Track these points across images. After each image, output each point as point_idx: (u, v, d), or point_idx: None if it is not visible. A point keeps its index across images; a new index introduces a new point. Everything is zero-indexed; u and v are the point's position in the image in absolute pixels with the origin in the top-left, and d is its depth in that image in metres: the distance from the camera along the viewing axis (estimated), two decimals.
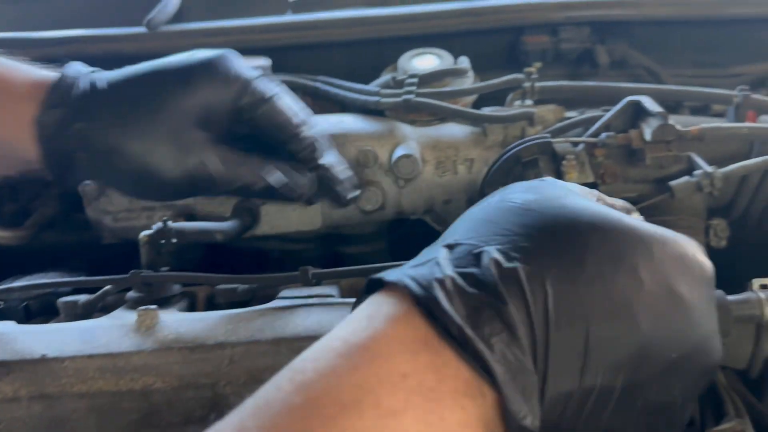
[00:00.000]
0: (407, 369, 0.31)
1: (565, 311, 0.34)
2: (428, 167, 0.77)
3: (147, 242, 0.66)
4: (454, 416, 0.31)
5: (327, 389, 0.31)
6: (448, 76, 0.82)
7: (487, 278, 0.34)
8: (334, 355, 0.33)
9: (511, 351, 0.32)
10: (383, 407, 0.30)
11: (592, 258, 0.35)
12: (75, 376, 0.56)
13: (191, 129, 0.60)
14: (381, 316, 0.34)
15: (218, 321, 0.59)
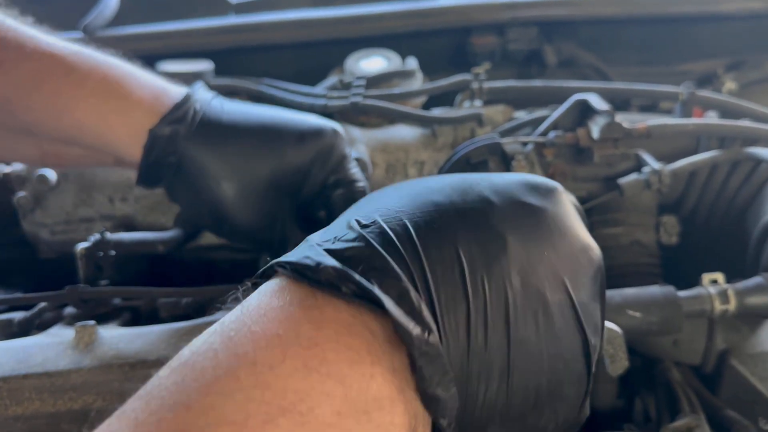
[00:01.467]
0: (282, 329, 0.31)
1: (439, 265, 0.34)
2: (378, 170, 0.75)
3: (84, 255, 0.63)
4: (340, 356, 0.31)
5: (202, 363, 0.30)
6: (396, 77, 0.81)
7: (350, 237, 0.35)
8: (208, 335, 0.33)
9: (390, 285, 0.32)
10: (259, 364, 0.30)
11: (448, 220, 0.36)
12: (10, 397, 0.53)
13: (283, 193, 0.61)
14: (255, 295, 0.35)
15: (160, 335, 0.57)
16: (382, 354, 0.32)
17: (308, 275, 0.33)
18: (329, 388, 0.30)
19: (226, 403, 0.28)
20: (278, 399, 0.29)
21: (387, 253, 0.33)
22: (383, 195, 0.40)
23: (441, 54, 0.97)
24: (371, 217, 0.36)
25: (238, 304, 0.35)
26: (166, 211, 0.74)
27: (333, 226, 0.38)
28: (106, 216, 0.74)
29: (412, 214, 0.36)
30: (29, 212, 0.74)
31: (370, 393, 0.31)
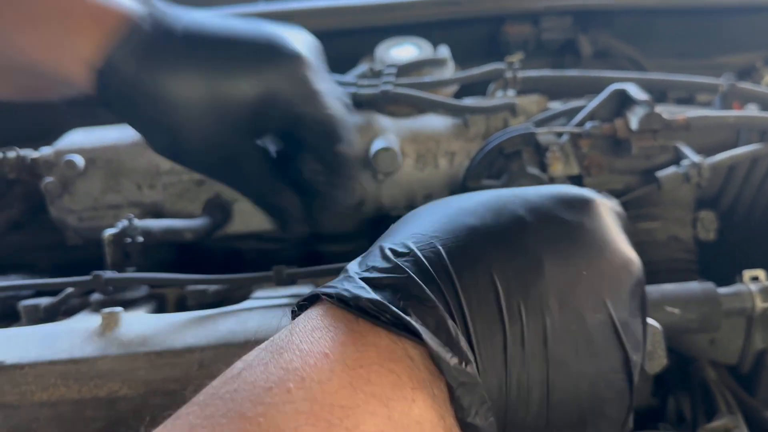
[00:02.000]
0: (328, 348, 0.32)
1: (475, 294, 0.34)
2: (408, 160, 0.74)
3: (112, 241, 0.63)
4: (383, 379, 0.31)
5: (254, 375, 0.32)
6: (427, 66, 0.79)
7: (386, 267, 0.35)
8: (259, 351, 0.34)
9: (426, 313, 0.33)
10: (308, 379, 0.31)
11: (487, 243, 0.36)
12: (36, 383, 0.53)
13: (244, 115, 0.55)
14: (302, 318, 0.36)
15: (187, 323, 0.56)
16: (422, 380, 0.32)
17: (349, 304, 0.34)
18: (373, 407, 0.30)
19: (278, 413, 0.29)
20: (326, 413, 0.29)
21: (423, 282, 0.34)
22: (416, 218, 0.40)
23: (473, 43, 0.96)
24: (405, 244, 0.36)
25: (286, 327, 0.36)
26: (194, 198, 0.73)
27: (366, 256, 0.38)
28: (134, 203, 0.73)
29: (446, 240, 0.36)
30: (57, 198, 0.74)
31: (412, 416, 0.31)
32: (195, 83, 0.54)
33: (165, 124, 0.55)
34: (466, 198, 0.40)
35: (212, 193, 0.74)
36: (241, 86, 0.55)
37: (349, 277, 0.36)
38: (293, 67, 0.56)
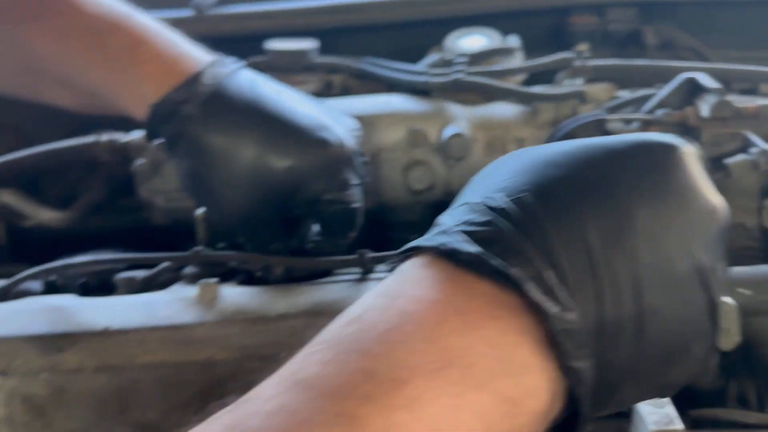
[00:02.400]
0: (437, 295, 0.34)
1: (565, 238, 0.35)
2: (478, 147, 0.77)
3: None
4: (491, 323, 0.33)
5: (372, 318, 0.33)
6: (497, 55, 0.82)
7: (480, 220, 0.36)
8: (372, 297, 0.35)
9: (524, 264, 0.34)
10: (422, 322, 0.33)
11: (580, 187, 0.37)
12: (139, 347, 0.57)
13: (270, 205, 0.62)
14: (407, 266, 0.37)
15: (278, 294, 0.60)
16: (525, 326, 0.34)
17: (449, 256, 0.35)
18: (484, 349, 0.32)
19: (399, 351, 0.31)
20: (442, 352, 0.32)
21: (518, 234, 0.35)
22: (500, 171, 0.40)
23: (538, 34, 0.97)
24: (495, 198, 0.37)
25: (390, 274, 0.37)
26: None
27: (457, 209, 0.39)
28: None
29: (536, 193, 0.37)
30: (146, 179, 0.78)
31: (519, 359, 0.33)
32: (240, 148, 0.61)
33: (201, 173, 0.62)
34: (549, 149, 0.40)
35: None
36: (281, 162, 0.61)
37: (444, 231, 0.37)
38: (332, 155, 0.62)
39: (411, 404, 0.30)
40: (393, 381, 0.30)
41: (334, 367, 0.31)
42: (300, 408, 0.29)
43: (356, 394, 0.30)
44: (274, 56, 0.86)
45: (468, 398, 0.31)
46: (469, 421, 0.31)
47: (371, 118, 0.77)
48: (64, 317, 0.60)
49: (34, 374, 0.57)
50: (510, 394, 0.32)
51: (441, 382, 0.31)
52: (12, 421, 0.57)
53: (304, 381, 0.31)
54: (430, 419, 0.30)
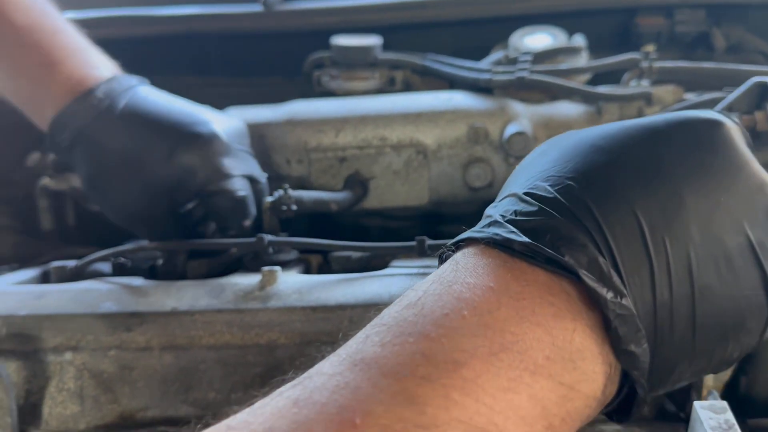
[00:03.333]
0: (492, 282, 0.35)
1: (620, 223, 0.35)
2: None
3: (269, 208, 0.69)
4: (545, 310, 0.34)
5: (431, 304, 0.34)
6: (562, 54, 0.81)
7: (529, 210, 0.37)
8: (428, 284, 0.36)
9: (577, 251, 0.34)
10: (479, 308, 0.33)
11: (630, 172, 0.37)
12: (204, 329, 0.59)
13: (158, 199, 0.68)
14: (460, 256, 0.38)
15: (337, 283, 0.61)
16: (579, 312, 0.34)
17: (502, 246, 0.36)
18: (539, 335, 0.33)
19: (455, 335, 0.32)
20: (497, 337, 0.32)
21: (569, 222, 0.35)
22: (544, 159, 0.41)
23: (604, 34, 0.97)
24: (542, 187, 0.37)
25: (445, 263, 0.38)
26: (336, 174, 0.79)
27: (504, 200, 0.39)
28: (281, 176, 0.79)
29: (583, 179, 0.37)
30: None
31: (574, 345, 0.34)
32: (126, 152, 0.67)
33: (96, 177, 0.69)
34: (591, 132, 0.40)
35: (352, 170, 0.79)
36: (163, 159, 0.66)
37: (495, 222, 0.37)
38: (210, 148, 0.67)
39: (467, 385, 0.31)
40: (450, 363, 0.31)
41: (392, 348, 0.32)
42: (361, 385, 0.30)
43: (415, 375, 0.30)
44: (338, 52, 0.87)
45: (523, 382, 0.32)
46: (524, 403, 0.31)
47: (433, 115, 0.78)
48: (134, 298, 0.62)
49: (103, 351, 0.60)
50: (565, 378, 0.33)
51: (497, 366, 0.31)
52: (81, 395, 0.60)
53: (363, 361, 0.32)
54: (486, 400, 0.31)
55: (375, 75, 0.87)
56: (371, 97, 0.84)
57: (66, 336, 0.60)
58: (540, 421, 0.32)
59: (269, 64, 1.01)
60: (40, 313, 0.62)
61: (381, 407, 0.29)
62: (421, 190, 0.79)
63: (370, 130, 0.78)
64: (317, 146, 0.78)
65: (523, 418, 0.31)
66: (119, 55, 0.91)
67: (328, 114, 0.79)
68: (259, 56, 1.01)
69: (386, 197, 0.80)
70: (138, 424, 0.59)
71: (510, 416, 0.31)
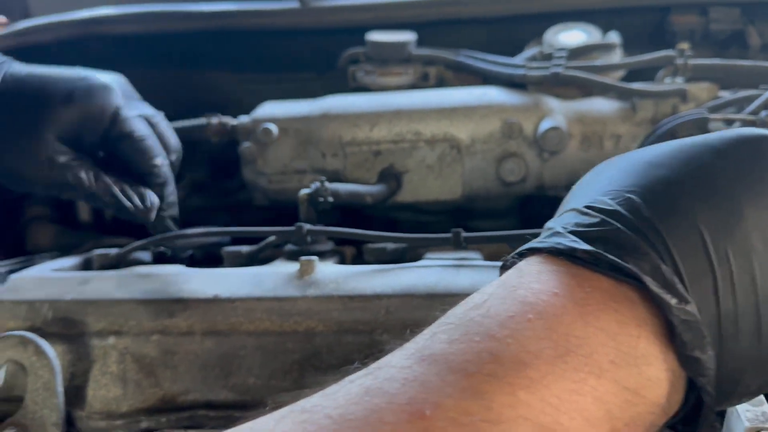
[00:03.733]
0: (557, 288, 0.35)
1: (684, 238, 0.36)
2: (574, 141, 0.77)
3: (306, 200, 0.70)
4: (609, 316, 0.34)
5: (496, 307, 0.35)
6: (597, 50, 0.82)
7: (591, 222, 0.37)
8: (492, 288, 0.37)
9: (640, 260, 0.35)
10: (544, 312, 0.34)
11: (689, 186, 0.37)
12: (244, 315, 0.60)
13: (58, 147, 0.69)
14: (523, 264, 0.38)
15: (374, 274, 0.62)
16: (644, 319, 0.35)
17: (566, 255, 0.37)
18: (603, 340, 0.34)
19: (521, 336, 0.33)
20: (562, 340, 0.33)
21: (630, 233, 0.36)
22: (601, 177, 0.42)
23: (637, 32, 0.96)
24: (602, 201, 0.38)
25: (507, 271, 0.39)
26: (370, 168, 0.80)
27: (564, 215, 0.40)
28: (317, 169, 0.80)
29: (643, 193, 0.38)
30: (251, 162, 0.82)
31: (639, 350, 0.34)
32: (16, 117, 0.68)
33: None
34: (648, 151, 0.41)
35: (387, 164, 0.80)
36: (57, 114, 0.68)
37: (557, 233, 0.38)
38: (104, 94, 0.70)
39: (533, 385, 0.31)
40: (516, 362, 0.32)
41: (459, 345, 0.33)
42: (430, 379, 0.31)
43: (482, 372, 0.31)
44: (373, 47, 0.88)
45: (588, 384, 0.32)
46: (589, 405, 0.32)
47: (467, 109, 0.78)
48: (176, 284, 0.64)
49: (146, 336, 0.62)
50: (630, 383, 0.33)
51: (562, 368, 0.32)
52: (124, 379, 0.62)
53: (431, 356, 0.32)
54: (551, 400, 0.31)
55: (409, 71, 0.88)
56: (406, 92, 0.85)
57: (110, 321, 0.62)
58: (604, 424, 0.32)
59: (303, 60, 1.02)
60: (85, 298, 0.63)
61: (450, 400, 0.30)
62: (455, 185, 0.80)
63: (405, 125, 0.79)
64: (352, 140, 0.79)
65: (588, 420, 0.32)
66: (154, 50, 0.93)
67: (363, 108, 0.81)
68: (293, 53, 1.03)
69: (419, 191, 0.80)
70: (178, 408, 0.61)
71: (575, 417, 0.31)
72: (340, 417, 0.29)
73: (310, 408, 0.30)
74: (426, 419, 0.29)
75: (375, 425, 0.29)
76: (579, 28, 0.86)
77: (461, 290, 0.59)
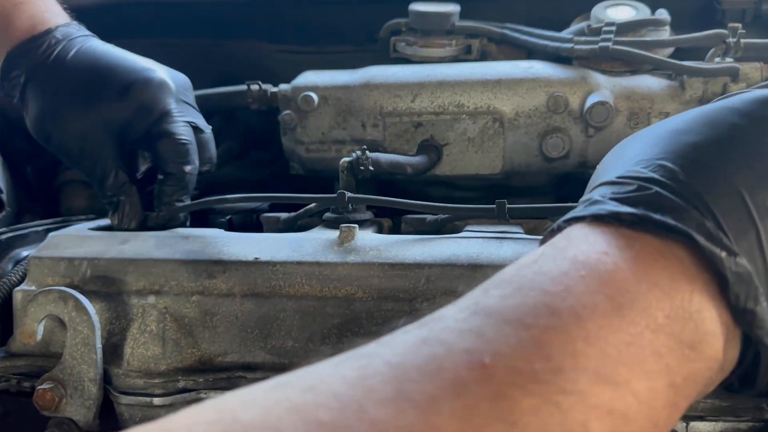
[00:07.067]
0: (606, 248, 0.35)
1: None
2: (620, 118, 0.76)
3: (346, 168, 0.69)
4: (661, 273, 0.34)
5: (548, 265, 0.34)
6: (647, 26, 0.80)
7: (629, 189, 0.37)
8: (542, 249, 0.37)
9: (684, 218, 0.35)
10: (595, 268, 0.34)
11: None
12: (284, 279, 0.60)
13: (104, 137, 0.71)
14: (566, 232, 0.38)
15: (415, 243, 0.62)
16: (695, 275, 0.35)
17: (610, 219, 0.36)
18: (657, 295, 0.33)
19: (575, 291, 0.33)
20: (617, 295, 0.33)
21: (669, 195, 0.36)
22: (629, 149, 0.42)
23: (686, 10, 0.94)
24: (636, 170, 0.38)
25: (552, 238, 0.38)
26: (410, 139, 0.79)
27: (596, 189, 0.40)
28: (356, 139, 0.80)
29: (675, 159, 0.38)
30: (290, 130, 0.82)
31: (693, 306, 0.34)
32: (80, 90, 0.70)
33: (47, 116, 0.71)
34: (672, 121, 0.42)
35: (427, 136, 0.79)
36: (113, 99, 0.70)
37: (596, 201, 0.38)
38: (161, 90, 0.71)
39: (591, 336, 0.31)
40: (572, 316, 0.31)
41: (514, 300, 0.32)
42: (486, 331, 0.31)
43: (538, 324, 0.31)
44: (416, 18, 0.87)
45: (646, 338, 0.32)
46: (648, 358, 0.32)
47: (512, 82, 0.77)
48: (216, 247, 0.64)
49: (186, 296, 0.62)
50: (686, 337, 0.33)
51: (618, 321, 0.32)
52: (163, 338, 0.62)
53: (486, 310, 0.32)
54: (610, 352, 0.31)
55: (451, 42, 0.87)
56: (449, 64, 0.83)
57: (150, 280, 0.62)
58: (663, 377, 0.32)
59: (342, 31, 1.01)
60: (125, 257, 0.64)
61: (508, 349, 0.30)
62: (495, 159, 0.79)
63: (447, 96, 0.78)
64: (393, 110, 0.79)
65: (647, 373, 0.31)
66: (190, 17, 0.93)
67: (405, 79, 0.80)
68: (332, 23, 1.02)
69: (459, 164, 0.80)
70: (216, 369, 0.61)
71: (634, 369, 0.31)
72: (399, 364, 0.29)
73: (368, 354, 0.30)
74: (486, 367, 0.29)
75: (434, 373, 0.28)
76: (627, 4, 0.84)
77: (504, 261, 0.58)
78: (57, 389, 0.60)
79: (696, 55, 0.82)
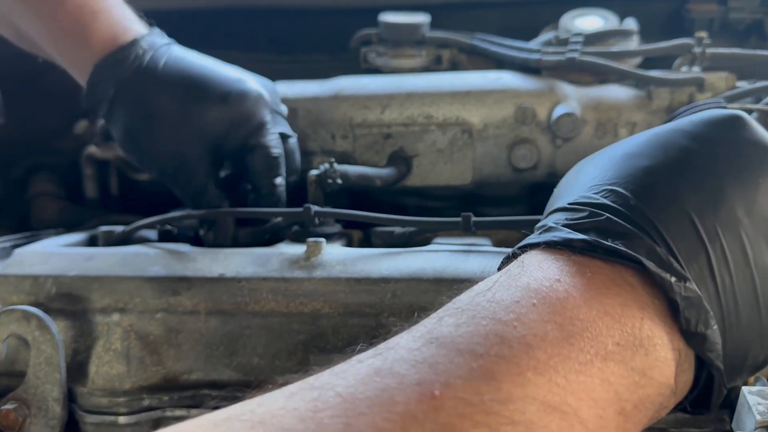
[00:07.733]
0: (559, 275, 0.36)
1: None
2: (588, 128, 0.76)
3: (314, 181, 0.69)
4: (612, 300, 0.34)
5: (501, 293, 0.35)
6: (614, 36, 0.80)
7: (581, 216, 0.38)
8: (498, 276, 0.37)
9: (635, 244, 0.36)
10: (547, 297, 0.34)
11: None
12: (250, 295, 0.60)
13: (201, 150, 0.69)
14: (525, 256, 0.39)
15: (381, 257, 0.62)
16: (645, 302, 0.35)
17: (563, 246, 0.37)
18: (608, 322, 0.34)
19: (527, 320, 0.33)
20: (568, 323, 0.33)
21: (620, 221, 0.36)
22: (582, 174, 0.43)
23: (654, 19, 0.95)
24: (587, 196, 0.39)
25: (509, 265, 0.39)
26: (380, 150, 0.79)
27: (551, 216, 0.40)
28: (326, 151, 0.79)
29: (626, 184, 0.38)
30: None
31: (643, 332, 0.34)
32: (172, 103, 0.68)
33: (137, 129, 0.69)
34: (624, 144, 0.42)
35: (397, 147, 0.79)
36: (207, 112, 0.68)
37: (550, 228, 0.39)
38: (258, 102, 0.69)
39: (541, 366, 0.31)
40: (523, 345, 0.32)
41: (467, 329, 0.32)
42: (439, 361, 0.31)
43: (490, 353, 0.31)
44: (386, 29, 0.87)
45: (595, 366, 0.32)
46: (596, 386, 0.32)
47: (480, 94, 0.77)
48: (181, 263, 0.63)
49: (150, 313, 0.61)
50: (636, 364, 0.33)
51: (568, 350, 0.32)
52: (127, 356, 0.61)
53: (439, 339, 0.32)
54: (559, 381, 0.31)
55: (422, 53, 0.87)
56: (418, 74, 0.83)
57: (114, 298, 0.62)
58: (612, 405, 0.32)
59: (315, 41, 1.01)
60: (90, 274, 0.63)
61: (459, 381, 0.30)
62: (465, 170, 0.79)
63: (416, 108, 0.78)
64: (362, 122, 0.78)
65: (596, 400, 0.32)
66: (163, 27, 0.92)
67: (374, 90, 0.80)
68: (305, 33, 1.01)
69: (429, 176, 0.79)
70: (182, 387, 0.60)
71: (583, 398, 0.31)
72: (351, 396, 0.29)
73: (320, 386, 0.30)
74: (436, 399, 0.29)
75: (386, 405, 0.29)
76: (596, 14, 0.84)
77: (470, 275, 0.58)
78: (21, 409, 0.59)
79: (665, 64, 0.83)
